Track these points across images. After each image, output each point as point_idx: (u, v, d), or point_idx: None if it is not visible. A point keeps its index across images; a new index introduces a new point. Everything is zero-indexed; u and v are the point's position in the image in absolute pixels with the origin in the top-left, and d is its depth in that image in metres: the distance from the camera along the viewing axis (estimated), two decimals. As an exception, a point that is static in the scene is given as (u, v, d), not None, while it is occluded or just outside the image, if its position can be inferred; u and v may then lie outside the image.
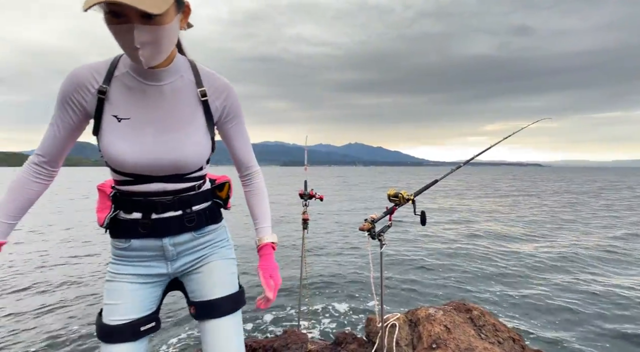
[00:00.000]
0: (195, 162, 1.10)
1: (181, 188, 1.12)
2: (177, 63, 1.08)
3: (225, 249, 1.28)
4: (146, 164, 1.04)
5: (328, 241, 9.44)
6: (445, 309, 2.81)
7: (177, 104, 1.08)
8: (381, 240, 2.18)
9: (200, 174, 1.17)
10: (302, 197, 3.37)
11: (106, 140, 1.03)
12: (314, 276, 6.34)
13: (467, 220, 13.11)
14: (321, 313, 4.86)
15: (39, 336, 4.16)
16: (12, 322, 4.53)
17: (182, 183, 1.11)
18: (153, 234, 1.11)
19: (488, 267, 6.99)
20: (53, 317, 4.70)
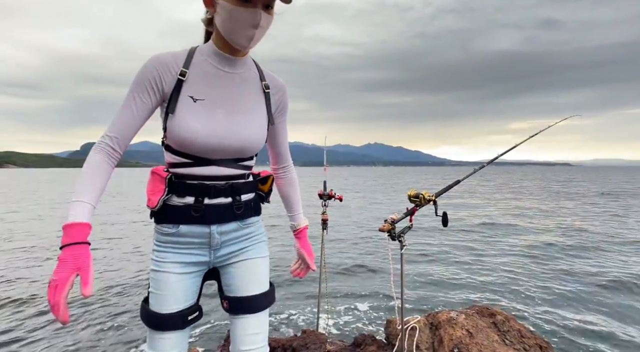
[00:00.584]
0: (256, 146, 1.21)
1: (234, 174, 1.18)
2: (248, 57, 1.23)
3: (263, 244, 1.33)
4: (216, 144, 1.12)
5: (347, 241, 9.39)
6: (467, 313, 2.74)
7: (246, 91, 1.20)
8: (401, 241, 2.14)
9: (251, 164, 1.25)
10: (322, 198, 3.36)
11: (180, 119, 1.09)
12: (333, 276, 6.32)
13: (492, 222, 12.85)
14: (340, 314, 4.83)
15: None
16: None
17: (236, 169, 1.18)
18: (203, 220, 1.15)
19: (514, 272, 6.81)
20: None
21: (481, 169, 2.50)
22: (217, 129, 1.11)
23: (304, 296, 5.43)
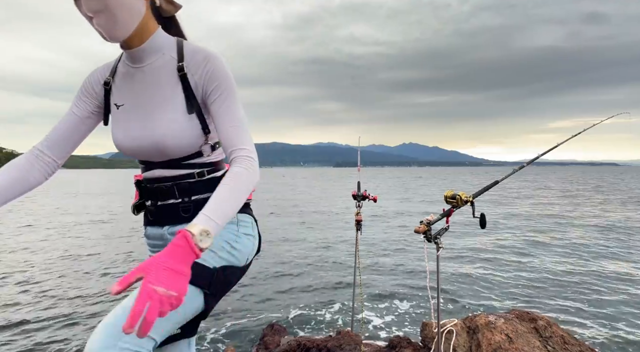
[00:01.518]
0: (176, 143, 1.03)
1: (179, 175, 1.09)
2: (157, 41, 1.06)
3: (224, 229, 1.07)
4: (136, 148, 1.07)
5: (382, 242, 9.32)
6: (506, 317, 2.66)
7: (158, 84, 1.06)
8: (437, 243, 2.12)
9: (202, 161, 1.10)
10: (356, 198, 3.36)
11: (111, 129, 1.12)
12: (368, 278, 6.29)
13: (533, 224, 12.37)
14: (375, 315, 4.80)
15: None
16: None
17: (179, 169, 1.08)
18: (157, 222, 1.13)
19: (558, 277, 6.54)
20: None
21: (521, 169, 2.43)
22: (133, 133, 1.06)
23: (339, 297, 5.44)
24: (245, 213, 1.17)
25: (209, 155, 1.11)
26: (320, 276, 6.51)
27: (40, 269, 6.91)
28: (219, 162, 1.14)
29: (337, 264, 7.26)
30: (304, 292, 5.67)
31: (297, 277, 6.42)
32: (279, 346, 3.17)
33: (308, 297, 5.45)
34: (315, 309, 4.99)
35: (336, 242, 9.53)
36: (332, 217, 14.46)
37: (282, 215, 15.20)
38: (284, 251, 8.43)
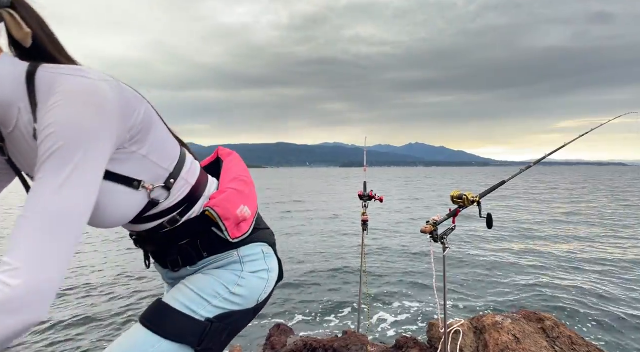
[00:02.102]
0: (101, 220, 0.77)
1: (149, 228, 0.89)
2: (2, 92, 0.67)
3: (226, 270, 0.94)
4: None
5: (388, 243, 9.31)
6: (513, 318, 2.65)
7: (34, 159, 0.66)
8: (444, 243, 2.11)
9: (166, 207, 0.86)
10: (362, 198, 3.35)
11: None
12: (374, 278, 6.29)
13: (541, 225, 12.29)
14: (382, 316, 4.80)
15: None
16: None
17: (145, 224, 0.88)
18: (158, 263, 1.00)
19: (564, 277, 6.49)
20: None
21: (528, 169, 2.42)
22: None
23: (345, 297, 5.44)
24: (255, 242, 0.98)
25: (166, 198, 0.85)
26: (327, 276, 6.52)
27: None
28: (190, 195, 0.89)
29: (343, 264, 7.26)
30: (310, 293, 5.68)
31: (303, 277, 6.44)
32: (285, 346, 3.18)
33: (314, 297, 5.46)
34: (321, 309, 5.00)
35: (342, 242, 9.54)
36: (339, 217, 14.45)
37: (287, 215, 15.23)
38: (289, 251, 8.44)
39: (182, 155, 0.90)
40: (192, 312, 0.87)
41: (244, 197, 0.96)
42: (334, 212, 16.05)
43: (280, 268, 1.06)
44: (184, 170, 0.88)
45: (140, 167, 0.78)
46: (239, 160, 1.11)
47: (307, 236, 10.59)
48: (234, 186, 0.96)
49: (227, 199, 0.91)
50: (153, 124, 0.79)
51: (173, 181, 0.85)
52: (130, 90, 0.76)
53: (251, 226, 0.96)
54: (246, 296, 0.94)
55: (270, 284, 1.00)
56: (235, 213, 0.90)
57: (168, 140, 0.86)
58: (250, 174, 1.12)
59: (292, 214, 15.74)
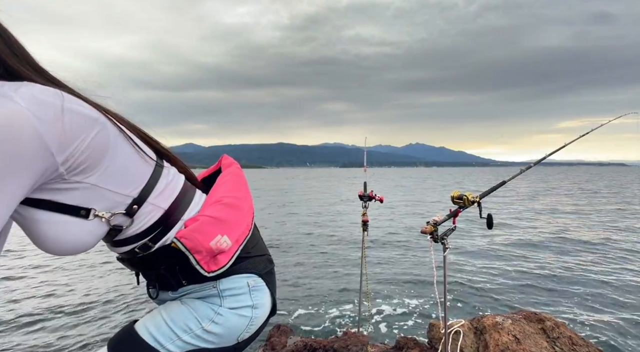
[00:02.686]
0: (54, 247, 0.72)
1: (124, 251, 0.84)
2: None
3: (204, 302, 0.88)
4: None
5: (388, 243, 9.31)
6: (514, 318, 2.65)
7: None
8: (444, 243, 2.11)
9: (134, 233, 0.80)
10: (362, 199, 3.35)
11: None
12: (374, 278, 6.29)
13: (541, 224, 12.28)
14: (381, 316, 4.80)
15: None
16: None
17: (119, 247, 0.84)
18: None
19: (566, 277, 6.49)
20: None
21: (528, 169, 2.42)
22: None
23: (345, 297, 5.44)
24: (241, 273, 0.89)
25: (130, 225, 0.78)
26: (327, 276, 6.52)
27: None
28: (162, 221, 0.81)
29: (343, 265, 7.25)
30: (309, 293, 5.68)
31: (303, 278, 6.43)
32: (285, 347, 3.18)
33: (314, 298, 5.46)
34: (321, 310, 5.00)
35: (342, 242, 9.53)
36: (339, 217, 14.45)
37: (286, 215, 15.23)
38: (289, 251, 8.44)
39: (154, 176, 0.80)
40: (159, 346, 0.82)
41: (222, 226, 0.84)
42: (333, 213, 16.05)
43: (273, 301, 0.96)
44: (152, 195, 0.79)
45: (90, 196, 0.70)
46: (234, 174, 1.01)
47: (306, 236, 10.58)
48: (212, 213, 0.84)
49: (198, 229, 0.80)
50: (108, 150, 0.70)
51: (137, 207, 0.77)
52: (77, 111, 0.66)
53: (232, 257, 0.85)
54: (221, 334, 0.85)
55: (255, 322, 0.90)
56: (207, 246, 0.80)
57: (132, 163, 0.76)
58: (248, 185, 1.03)
59: (290, 214, 15.74)
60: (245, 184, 1.02)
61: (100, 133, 0.69)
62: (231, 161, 1.09)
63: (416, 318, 4.74)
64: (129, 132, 0.79)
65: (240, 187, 0.98)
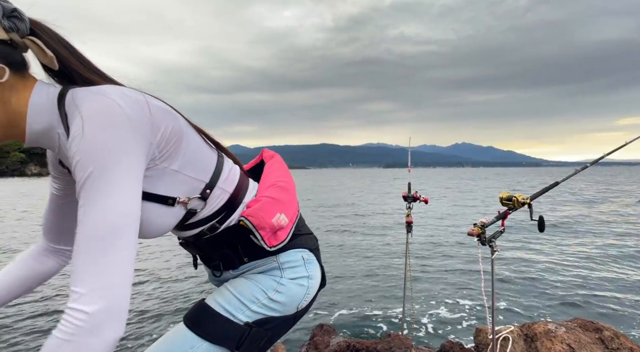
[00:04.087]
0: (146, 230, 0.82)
1: (193, 234, 0.93)
2: (38, 123, 0.72)
3: (266, 275, 0.95)
4: None
5: (433, 245, 9.10)
6: (568, 326, 2.52)
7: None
8: (492, 246, 2.05)
9: (205, 216, 0.89)
10: (406, 200, 3.31)
11: None
12: (419, 280, 6.18)
13: (598, 228, 11.54)
14: (426, 319, 4.71)
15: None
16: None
17: (188, 231, 0.92)
18: (205, 265, 1.05)
19: (625, 284, 6.06)
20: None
21: (584, 169, 2.29)
22: None
23: (389, 299, 5.39)
24: (295, 248, 0.98)
25: (203, 208, 0.87)
26: (370, 277, 6.49)
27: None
28: (228, 203, 0.91)
29: (387, 266, 7.19)
30: (353, 293, 5.67)
31: (347, 278, 6.44)
32: (328, 347, 3.20)
33: (357, 298, 5.45)
34: (364, 311, 4.98)
35: (386, 243, 9.44)
36: (382, 218, 14.31)
37: (330, 215, 15.28)
38: (333, 251, 8.47)
39: (219, 164, 0.91)
40: (231, 316, 0.89)
41: (280, 205, 0.94)
42: (377, 213, 15.91)
43: (322, 275, 1.05)
44: (220, 179, 0.89)
45: (174, 183, 0.80)
46: (280, 163, 1.11)
47: (350, 236, 10.58)
48: (270, 194, 0.95)
49: (261, 208, 0.90)
50: (183, 137, 0.80)
51: (209, 191, 0.87)
52: (156, 105, 0.76)
53: (289, 233, 0.95)
54: (285, 302, 0.94)
55: (310, 292, 0.99)
56: (270, 222, 0.89)
57: (202, 151, 0.86)
58: (292, 176, 1.11)
59: (332, 213, 15.77)
60: (289, 172, 1.10)
61: (176, 123, 0.78)
62: (272, 153, 1.17)
63: (462, 322, 4.61)
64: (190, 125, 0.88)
65: (286, 174, 1.08)
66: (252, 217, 0.88)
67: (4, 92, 0.67)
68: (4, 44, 0.67)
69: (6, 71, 0.67)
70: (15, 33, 0.68)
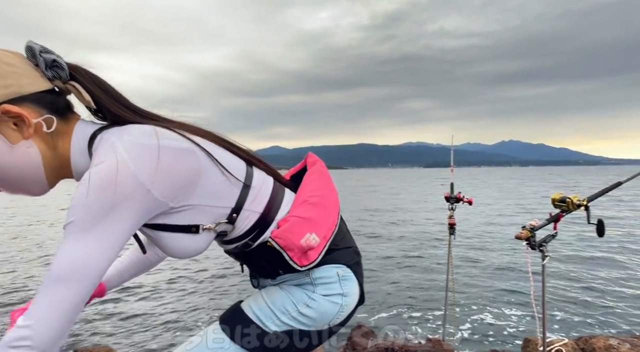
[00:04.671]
0: (174, 254, 0.89)
1: (231, 248, 0.97)
2: (80, 165, 0.78)
3: (299, 288, 0.95)
4: None
5: (478, 248, 8.75)
6: (633, 342, 2.30)
7: None
8: (543, 251, 1.90)
9: (236, 235, 0.92)
10: (449, 201, 3.19)
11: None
12: (462, 284, 5.94)
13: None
14: (469, 325, 4.51)
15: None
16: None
17: (227, 245, 0.96)
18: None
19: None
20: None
21: (651, 169, 2.07)
22: None
23: (429, 302, 5.22)
24: (331, 263, 0.96)
25: (232, 229, 0.90)
26: (411, 280, 6.32)
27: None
28: (259, 222, 0.91)
29: (428, 269, 6.99)
30: (393, 296, 5.55)
31: (387, 280, 6.32)
32: (366, 348, 3.13)
33: (397, 301, 5.32)
34: (404, 313, 4.86)
35: (427, 246, 9.20)
36: (423, 219, 13.98)
37: (369, 216, 15.13)
38: (373, 253, 8.36)
39: (246, 186, 0.89)
40: (261, 323, 0.91)
41: (311, 225, 0.91)
42: (418, 214, 15.57)
43: (361, 291, 1.01)
44: (247, 202, 0.89)
45: (196, 214, 0.82)
46: (319, 172, 1.08)
47: (388, 238, 10.40)
48: (300, 213, 0.93)
49: (288, 229, 0.89)
50: (202, 174, 0.80)
51: (236, 215, 0.88)
52: (170, 147, 0.75)
53: (321, 252, 0.92)
54: (315, 318, 0.93)
55: (344, 310, 0.96)
56: (298, 243, 0.88)
57: (224, 179, 0.85)
58: (332, 181, 1.08)
59: (372, 214, 15.60)
60: (329, 180, 1.07)
61: (192, 159, 0.78)
62: (315, 159, 1.14)
63: (509, 331, 4.37)
64: (218, 148, 0.87)
65: (325, 185, 1.04)
66: (279, 239, 0.87)
67: (53, 138, 0.75)
68: (49, 93, 0.74)
69: (54, 120, 0.74)
70: (58, 80, 0.75)
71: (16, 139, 0.71)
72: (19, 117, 0.69)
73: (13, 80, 0.69)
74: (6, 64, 0.69)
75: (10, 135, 0.70)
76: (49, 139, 0.75)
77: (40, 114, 0.73)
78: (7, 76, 0.68)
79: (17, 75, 0.70)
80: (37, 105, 0.72)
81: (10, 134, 0.70)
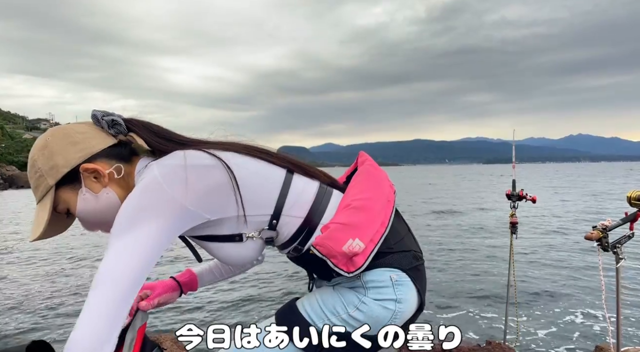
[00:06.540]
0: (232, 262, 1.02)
1: (286, 252, 1.03)
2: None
3: (351, 290, 0.95)
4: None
5: (542, 248, 8.28)
6: None
7: None
8: (617, 253, 1.78)
9: (282, 242, 0.97)
10: (510, 199, 3.08)
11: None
12: (524, 286, 5.66)
13: None
14: (532, 329, 4.30)
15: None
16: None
17: (282, 250, 1.03)
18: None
19: None
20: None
21: None
22: None
23: (489, 304, 5.04)
24: (384, 267, 0.93)
25: (277, 236, 0.95)
26: (470, 279, 6.13)
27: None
28: (304, 226, 0.94)
29: (489, 269, 6.73)
30: (452, 296, 5.42)
31: (445, 279, 6.18)
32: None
33: (457, 302, 5.19)
34: (463, 314, 4.73)
35: (487, 245, 8.86)
36: (484, 218, 13.46)
37: (426, 213, 14.82)
38: (432, 252, 8.19)
39: (283, 193, 0.92)
40: (311, 322, 0.92)
41: (353, 230, 0.88)
42: (478, 212, 15.00)
43: (421, 298, 0.97)
44: (285, 208, 0.92)
45: (237, 224, 0.90)
46: (365, 173, 1.06)
47: (448, 236, 10.14)
48: (341, 219, 0.91)
49: (329, 237, 0.87)
50: (234, 189, 0.86)
51: (276, 222, 0.92)
52: (198, 165, 0.84)
53: (369, 257, 0.89)
54: (365, 322, 0.90)
55: (399, 316, 0.92)
56: (340, 250, 0.86)
57: (259, 188, 0.91)
58: (382, 180, 1.05)
59: (430, 212, 15.26)
60: (377, 180, 1.04)
61: (218, 174, 0.85)
62: (365, 158, 1.12)
63: (576, 337, 4.11)
64: (251, 161, 0.93)
65: (372, 186, 1.01)
66: (320, 247, 0.87)
67: (123, 180, 0.90)
68: (115, 147, 0.90)
69: (122, 167, 0.89)
70: (120, 134, 0.91)
71: (98, 189, 0.87)
72: (96, 171, 0.86)
73: (86, 144, 0.86)
74: (78, 132, 0.88)
75: (93, 187, 0.87)
76: (121, 182, 0.90)
77: (110, 164, 0.88)
78: (81, 142, 0.86)
79: (88, 139, 0.87)
80: (108, 158, 0.88)
81: (93, 186, 0.87)
